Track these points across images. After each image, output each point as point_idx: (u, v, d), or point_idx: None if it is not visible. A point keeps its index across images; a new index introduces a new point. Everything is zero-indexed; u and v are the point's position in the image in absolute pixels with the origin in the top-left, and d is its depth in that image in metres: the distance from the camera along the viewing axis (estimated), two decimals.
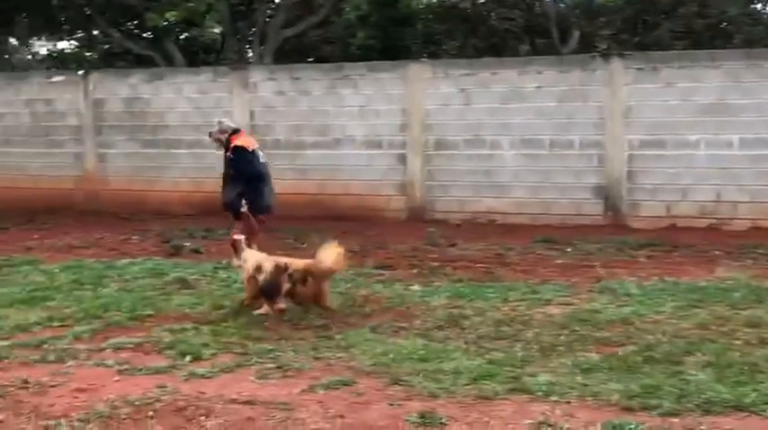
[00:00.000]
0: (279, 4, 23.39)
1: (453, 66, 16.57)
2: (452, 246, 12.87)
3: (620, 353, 6.82)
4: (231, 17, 22.54)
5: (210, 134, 10.88)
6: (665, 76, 14.55)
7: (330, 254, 8.23)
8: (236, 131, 10.86)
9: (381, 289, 9.60)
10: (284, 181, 16.59)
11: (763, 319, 7.88)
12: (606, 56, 15.45)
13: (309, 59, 26.51)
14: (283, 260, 8.44)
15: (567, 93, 15.10)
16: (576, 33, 24.98)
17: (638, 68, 14.74)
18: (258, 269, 8.32)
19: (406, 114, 16.06)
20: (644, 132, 14.67)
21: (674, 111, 14.47)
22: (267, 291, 8.23)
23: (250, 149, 10.66)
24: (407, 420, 5.44)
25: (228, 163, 10.63)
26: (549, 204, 15.18)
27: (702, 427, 5.30)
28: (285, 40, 23.29)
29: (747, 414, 5.52)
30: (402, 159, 16.11)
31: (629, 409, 5.61)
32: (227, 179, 10.70)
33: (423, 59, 19.52)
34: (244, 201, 10.51)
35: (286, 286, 8.16)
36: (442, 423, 5.43)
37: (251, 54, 23.47)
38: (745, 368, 6.37)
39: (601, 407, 5.66)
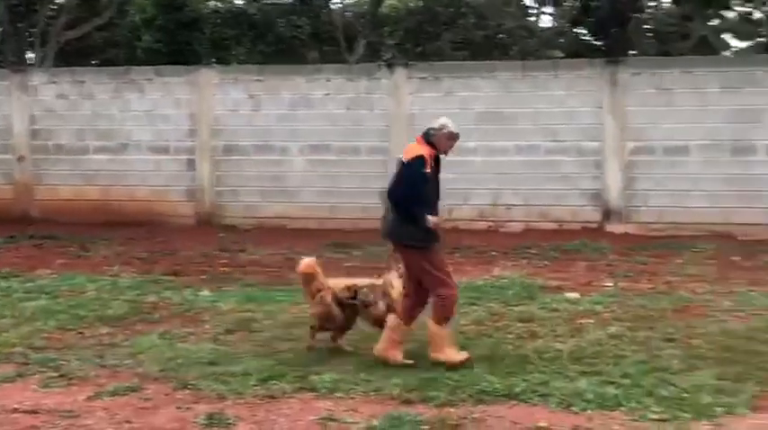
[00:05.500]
0: (61, 4, 22.61)
1: (243, 71, 16.61)
2: (242, 251, 12.93)
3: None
4: (10, 17, 21.57)
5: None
6: (447, 86, 15.18)
7: None
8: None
9: (170, 295, 9.57)
10: (67, 187, 16.25)
11: (535, 315, 8.45)
12: (391, 65, 15.93)
13: (94, 62, 25.79)
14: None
15: (354, 100, 15.47)
16: (362, 42, 25.60)
17: (421, 78, 15.31)
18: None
19: (195, 119, 15.97)
20: None
21: (453, 119, 15.06)
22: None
23: None
24: (195, 422, 5.52)
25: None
26: (337, 209, 15.49)
27: (475, 415, 5.66)
28: (68, 42, 22.56)
29: (516, 402, 5.93)
30: (190, 164, 15.99)
31: (408, 402, 5.92)
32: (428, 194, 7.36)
33: (212, 64, 19.43)
34: None
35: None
36: (229, 423, 5.54)
37: (32, 56, 22.56)
38: (516, 360, 6.83)
39: (383, 401, 5.95)
